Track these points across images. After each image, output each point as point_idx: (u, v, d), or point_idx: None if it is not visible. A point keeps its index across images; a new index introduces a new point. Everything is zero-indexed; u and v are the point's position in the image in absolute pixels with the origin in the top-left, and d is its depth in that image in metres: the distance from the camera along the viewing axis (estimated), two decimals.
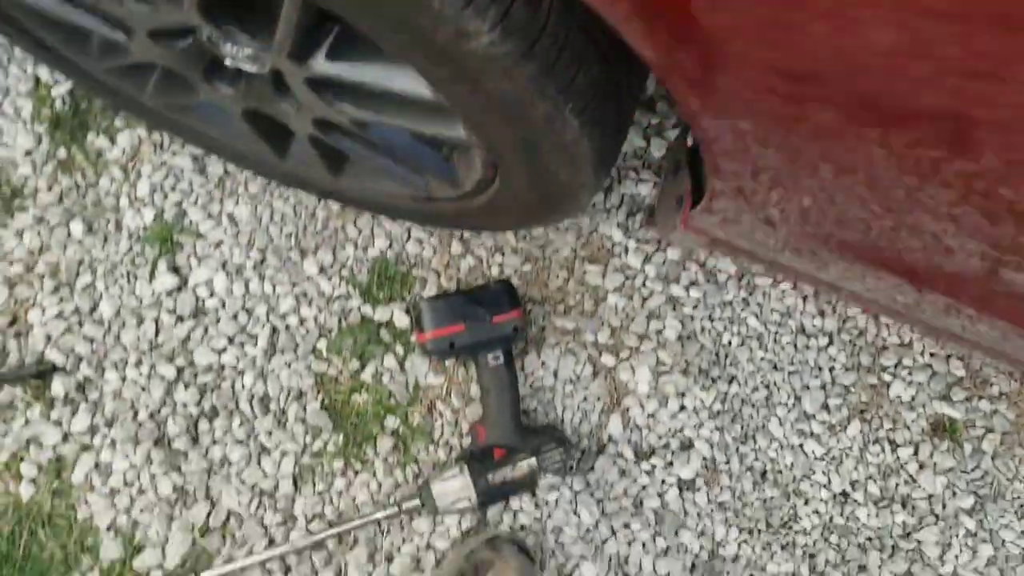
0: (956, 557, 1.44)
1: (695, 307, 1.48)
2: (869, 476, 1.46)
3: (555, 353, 1.43)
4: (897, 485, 1.46)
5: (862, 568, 1.43)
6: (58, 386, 1.32)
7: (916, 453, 1.47)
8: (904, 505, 1.46)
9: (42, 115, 1.41)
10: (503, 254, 1.46)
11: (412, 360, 1.41)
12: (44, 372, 1.32)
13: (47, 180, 1.40)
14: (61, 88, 1.42)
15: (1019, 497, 1.48)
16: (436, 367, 1.41)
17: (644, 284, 1.48)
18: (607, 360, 1.44)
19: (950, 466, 1.47)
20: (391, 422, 1.39)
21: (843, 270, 0.97)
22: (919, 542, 1.45)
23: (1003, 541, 1.46)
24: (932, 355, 1.50)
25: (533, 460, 1.32)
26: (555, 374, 1.43)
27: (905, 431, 1.48)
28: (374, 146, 1.10)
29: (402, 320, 1.41)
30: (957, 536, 1.45)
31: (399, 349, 1.41)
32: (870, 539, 1.44)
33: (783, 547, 1.43)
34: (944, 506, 1.46)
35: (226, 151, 1.33)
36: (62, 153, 1.41)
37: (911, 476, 1.47)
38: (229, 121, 1.15)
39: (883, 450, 1.47)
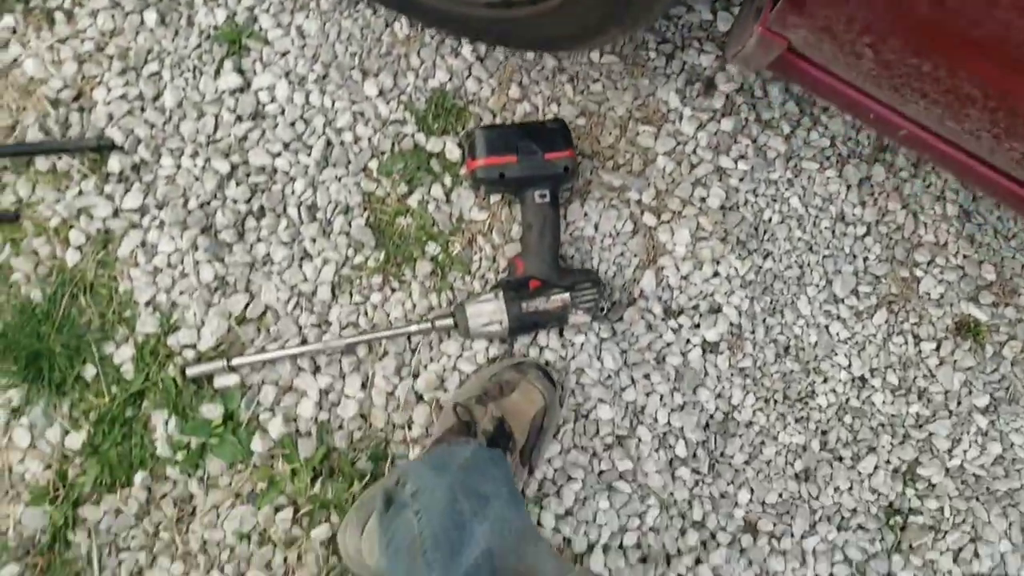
0: (964, 452, 1.48)
1: (741, 179, 1.51)
2: (889, 365, 1.49)
3: (598, 207, 1.47)
4: (915, 377, 1.50)
5: (871, 449, 1.46)
6: (115, 163, 1.36)
7: (938, 349, 1.51)
8: (920, 397, 1.49)
9: None
10: (559, 104, 1.49)
11: (458, 192, 1.44)
12: (103, 148, 1.36)
13: None
14: None
15: None
16: (480, 203, 1.45)
17: (694, 151, 1.51)
18: (648, 219, 1.47)
19: (969, 365, 1.50)
20: (431, 248, 1.42)
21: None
22: (931, 433, 1.48)
23: (1012, 444, 1.49)
24: (965, 257, 1.53)
25: (566, 295, 1.35)
26: (596, 227, 1.46)
27: (930, 327, 1.51)
28: None
29: (453, 153, 1.45)
30: (968, 433, 1.49)
31: (447, 180, 1.44)
32: (883, 424, 1.48)
33: (797, 420, 1.46)
34: (959, 403, 1.50)
35: None
36: None
37: (930, 371, 1.50)
38: None
39: (906, 342, 1.50)
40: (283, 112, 1.43)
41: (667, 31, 1.54)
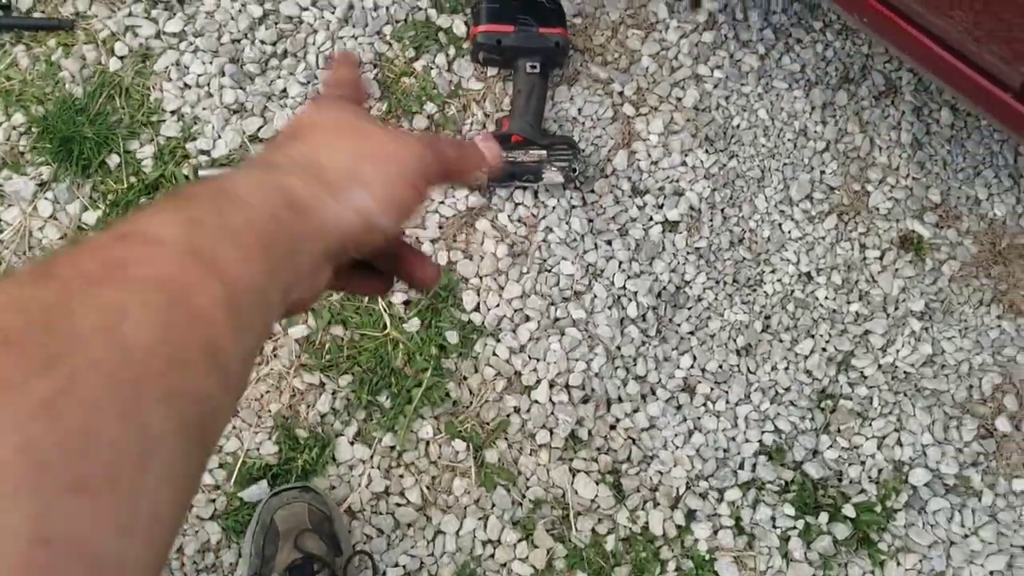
0: (897, 351, 1.61)
1: (715, 86, 1.69)
2: (834, 266, 1.64)
3: (584, 94, 1.66)
4: (858, 280, 1.64)
5: (810, 336, 1.60)
6: None
7: (881, 258, 1.65)
8: (861, 298, 1.64)
9: None
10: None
11: (460, 63, 1.64)
12: None
13: None
14: None
15: (966, 320, 1.65)
16: (479, 74, 1.64)
17: (676, 57, 1.70)
18: (628, 110, 1.66)
19: (910, 275, 1.65)
20: (429, 107, 1.61)
21: None
22: (867, 331, 1.62)
23: (943, 350, 1.62)
24: (915, 179, 1.70)
25: (543, 151, 1.53)
26: (579, 110, 1.65)
27: (876, 237, 1.66)
28: None
29: (460, 29, 1.65)
30: (903, 334, 1.62)
31: (451, 52, 1.64)
32: (823, 317, 1.62)
33: (744, 301, 1.61)
34: (896, 307, 1.64)
35: None
36: None
37: (872, 276, 1.65)
38: None
39: (852, 248, 1.65)
40: None
41: None
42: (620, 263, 1.58)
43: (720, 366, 1.57)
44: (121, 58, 1.54)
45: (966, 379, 1.61)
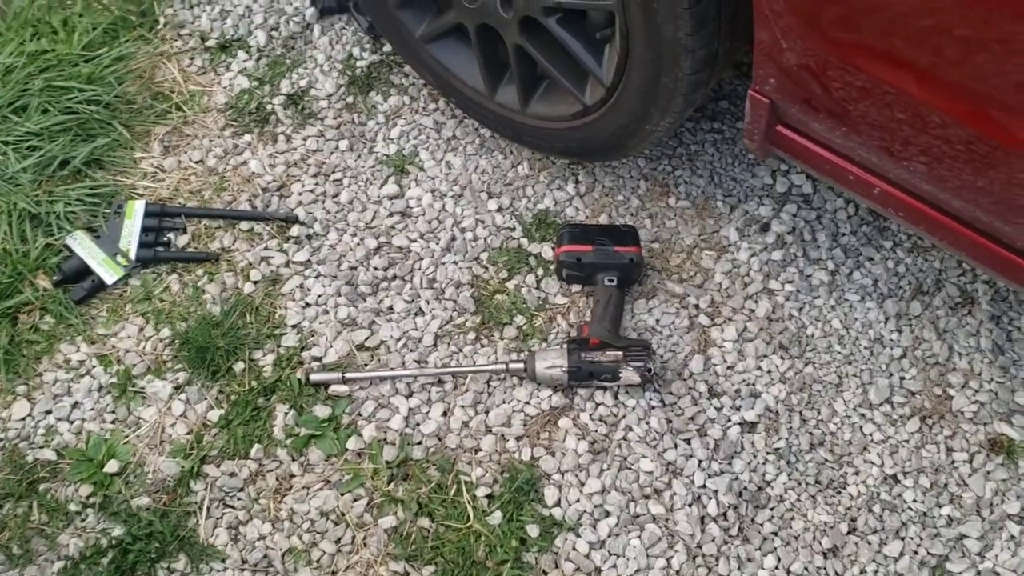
0: (996, 556, 1.58)
1: (787, 299, 1.83)
2: (921, 469, 1.66)
3: (661, 307, 1.83)
4: (947, 484, 1.65)
5: (899, 537, 1.60)
6: (295, 231, 1.89)
7: (970, 461, 1.66)
8: (952, 501, 1.63)
9: (345, 75, 2.13)
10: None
11: (547, 282, 1.86)
12: (290, 219, 1.90)
13: (334, 113, 2.07)
14: (363, 61, 2.14)
15: None
16: (563, 291, 1.85)
17: (747, 274, 1.86)
18: (703, 320, 1.81)
19: (1003, 478, 1.64)
20: (519, 320, 1.81)
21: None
22: (962, 535, 1.60)
23: None
24: (999, 383, 1.73)
25: (620, 352, 1.68)
26: (657, 321, 1.81)
27: (963, 440, 1.68)
28: (554, 50, 1.63)
29: (547, 254, 1.89)
30: (1000, 538, 1.59)
31: (540, 272, 1.87)
32: (912, 520, 1.62)
33: (827, 503, 1.64)
34: (992, 511, 1.62)
35: (453, 90, 1.93)
36: (349, 99, 2.10)
37: (962, 479, 1.65)
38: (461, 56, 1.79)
39: (938, 450, 1.68)
40: (424, 213, 1.94)
41: (733, 189, 1.98)
42: (699, 461, 1.66)
43: (806, 568, 1.57)
44: (255, 283, 1.83)
45: None
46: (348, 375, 1.71)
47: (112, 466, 1.62)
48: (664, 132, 1.60)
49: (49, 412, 1.68)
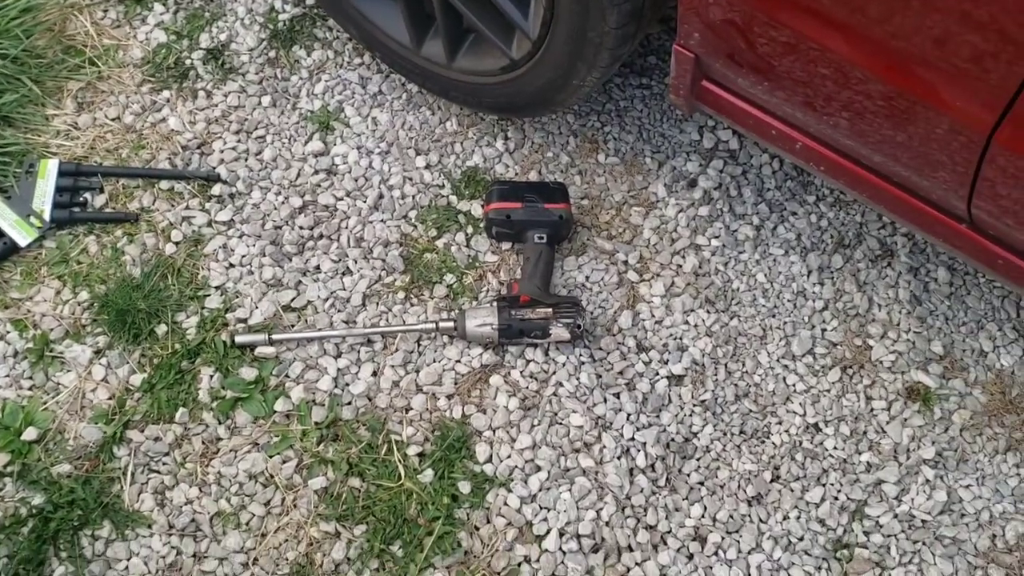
0: (912, 499, 1.64)
1: (713, 254, 1.86)
2: (841, 417, 1.71)
3: (591, 264, 1.84)
4: (866, 431, 1.70)
5: (820, 484, 1.65)
6: (217, 190, 1.85)
7: (888, 408, 1.72)
8: (871, 447, 1.69)
9: (267, 29, 2.08)
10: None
11: (477, 240, 1.85)
12: (211, 178, 1.86)
13: (256, 68, 2.02)
14: (286, 15, 2.09)
15: (982, 469, 1.68)
16: (493, 248, 1.85)
17: (675, 230, 1.88)
18: (632, 276, 1.83)
19: (919, 424, 1.71)
20: (449, 278, 1.81)
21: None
22: (880, 480, 1.66)
23: (960, 498, 1.64)
24: (916, 333, 1.79)
25: (549, 309, 1.69)
26: (587, 278, 1.82)
27: (881, 389, 1.74)
28: (480, 2, 1.60)
29: (477, 211, 1.88)
30: (916, 482, 1.66)
31: (469, 230, 1.86)
32: (833, 467, 1.67)
33: (752, 452, 1.68)
34: (908, 456, 1.68)
35: (378, 44, 1.89)
36: (271, 54, 2.05)
37: (881, 426, 1.71)
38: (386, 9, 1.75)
39: (858, 399, 1.73)
40: (350, 171, 1.91)
41: (662, 145, 2.00)
42: (628, 415, 1.68)
43: (731, 515, 1.62)
44: (176, 243, 1.79)
45: (988, 528, 1.62)
46: (274, 336, 1.69)
47: (30, 433, 1.58)
48: (591, 87, 1.60)
49: None
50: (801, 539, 1.59)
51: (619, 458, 1.63)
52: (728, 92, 1.45)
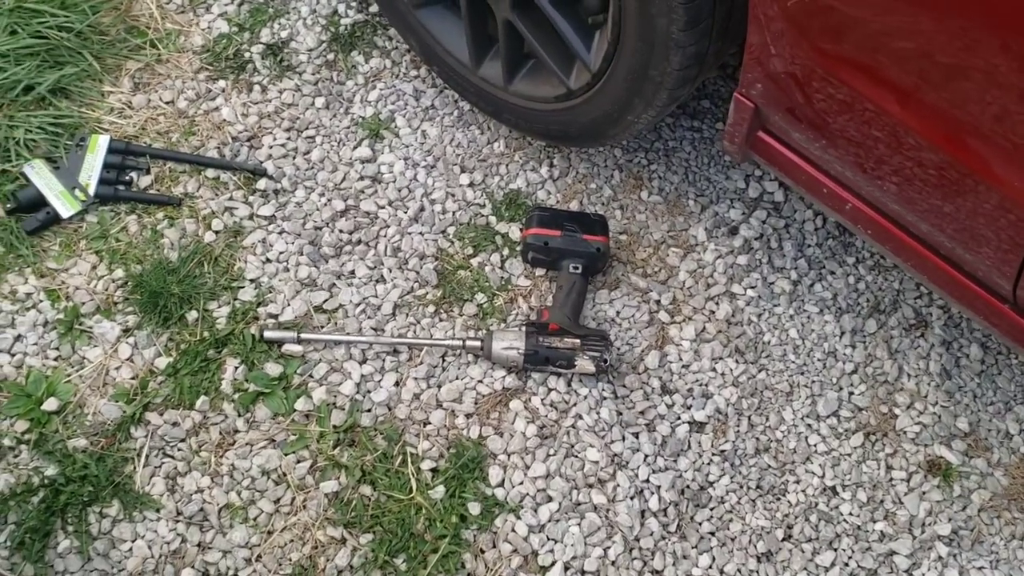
0: (923, 575, 1.64)
1: (747, 303, 1.87)
2: (860, 484, 1.72)
3: (623, 299, 1.85)
4: (883, 500, 1.71)
5: (832, 548, 1.65)
6: (262, 184, 1.89)
7: (908, 480, 1.72)
8: (886, 517, 1.69)
9: (328, 32, 2.12)
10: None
11: (511, 263, 1.87)
12: (258, 172, 1.90)
13: (313, 68, 2.06)
14: (348, 19, 2.14)
15: (996, 552, 1.68)
16: (527, 272, 1.87)
17: (712, 275, 1.90)
18: (663, 316, 1.85)
19: (937, 499, 1.71)
20: (480, 298, 1.83)
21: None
22: (892, 551, 1.66)
23: None
24: (943, 407, 1.80)
25: (577, 340, 1.71)
26: (618, 313, 1.84)
27: (903, 459, 1.74)
28: (544, 29, 1.63)
29: (514, 234, 1.90)
30: (929, 558, 1.66)
31: (505, 252, 1.88)
32: (847, 532, 1.68)
33: (766, 508, 1.69)
34: (923, 531, 1.68)
35: (437, 59, 1.92)
36: (330, 56, 2.09)
37: (899, 497, 1.71)
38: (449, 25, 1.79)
39: (879, 467, 1.74)
40: (395, 181, 1.94)
41: (706, 189, 2.02)
42: (645, 456, 1.69)
43: (738, 570, 1.62)
44: (216, 232, 1.82)
45: None
46: (303, 335, 1.71)
47: (51, 404, 1.61)
48: (645, 124, 1.63)
49: None
50: None
51: (632, 498, 1.64)
52: (783, 145, 1.47)
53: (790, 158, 1.46)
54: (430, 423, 1.68)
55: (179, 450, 1.61)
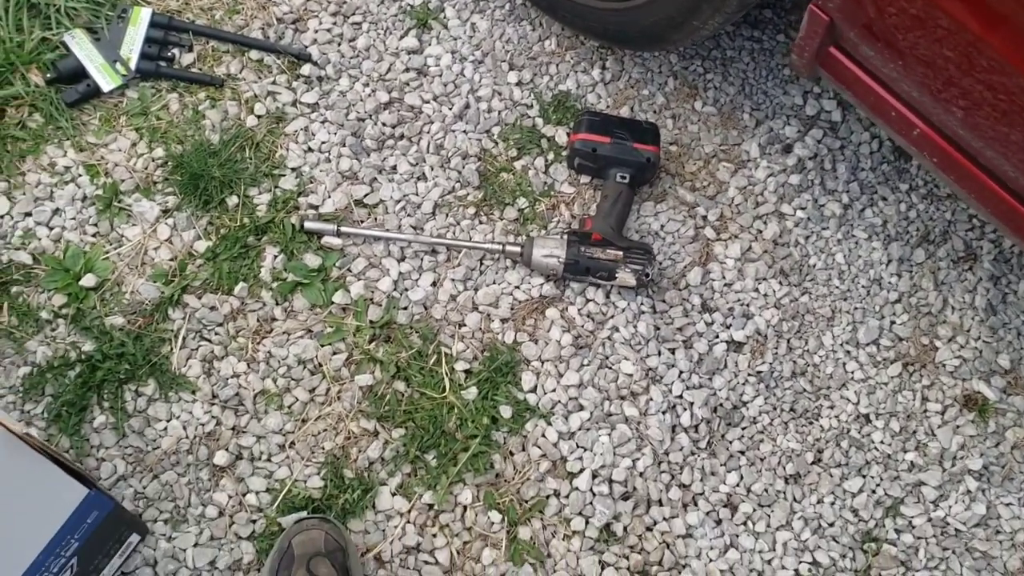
0: (950, 507, 1.66)
1: (796, 225, 1.86)
2: (894, 413, 1.73)
3: (669, 213, 1.84)
4: (916, 431, 1.72)
5: (861, 475, 1.68)
6: (306, 70, 1.86)
7: (943, 413, 1.74)
8: (917, 448, 1.71)
9: None
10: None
11: (556, 168, 1.86)
12: (302, 57, 1.86)
13: None
14: None
15: None
16: (572, 179, 1.85)
17: (762, 193, 1.88)
18: (709, 233, 1.83)
19: (971, 434, 1.72)
20: (521, 202, 1.82)
21: None
22: (921, 482, 1.68)
23: (999, 515, 1.67)
24: (985, 343, 1.79)
25: (620, 252, 1.70)
26: (662, 227, 1.83)
27: (939, 392, 1.75)
28: None
29: (561, 138, 1.88)
30: (957, 491, 1.68)
31: (550, 156, 1.86)
32: (876, 460, 1.70)
33: (798, 431, 1.70)
34: (954, 464, 1.70)
35: None
36: None
37: (931, 429, 1.72)
38: None
39: (914, 398, 1.75)
40: (441, 74, 1.91)
41: (762, 103, 1.98)
42: (680, 372, 1.71)
43: (766, 489, 1.65)
44: (258, 117, 1.81)
45: (1021, 549, 1.65)
46: (343, 229, 1.71)
47: (89, 280, 1.62)
48: (710, 31, 1.59)
49: (28, 215, 1.67)
50: (832, 525, 1.62)
51: (664, 413, 1.66)
52: (855, 63, 1.43)
53: (861, 77, 1.43)
54: (465, 325, 1.69)
55: (216, 334, 1.63)
